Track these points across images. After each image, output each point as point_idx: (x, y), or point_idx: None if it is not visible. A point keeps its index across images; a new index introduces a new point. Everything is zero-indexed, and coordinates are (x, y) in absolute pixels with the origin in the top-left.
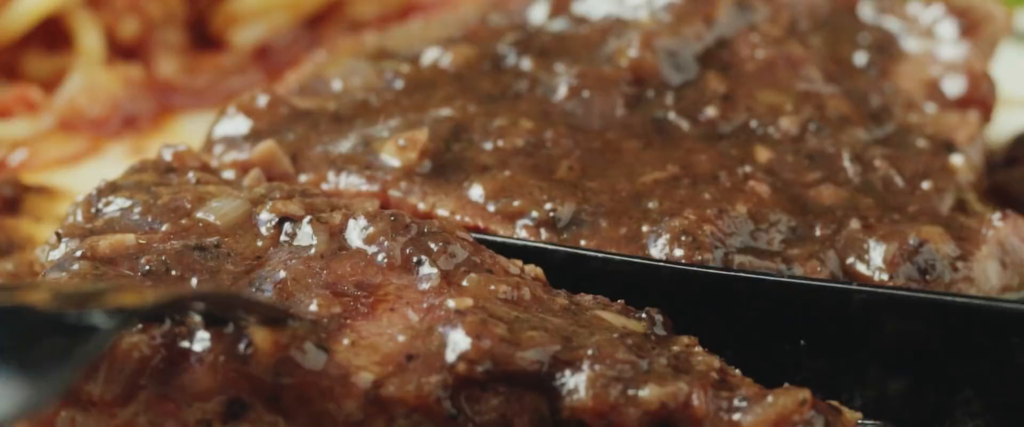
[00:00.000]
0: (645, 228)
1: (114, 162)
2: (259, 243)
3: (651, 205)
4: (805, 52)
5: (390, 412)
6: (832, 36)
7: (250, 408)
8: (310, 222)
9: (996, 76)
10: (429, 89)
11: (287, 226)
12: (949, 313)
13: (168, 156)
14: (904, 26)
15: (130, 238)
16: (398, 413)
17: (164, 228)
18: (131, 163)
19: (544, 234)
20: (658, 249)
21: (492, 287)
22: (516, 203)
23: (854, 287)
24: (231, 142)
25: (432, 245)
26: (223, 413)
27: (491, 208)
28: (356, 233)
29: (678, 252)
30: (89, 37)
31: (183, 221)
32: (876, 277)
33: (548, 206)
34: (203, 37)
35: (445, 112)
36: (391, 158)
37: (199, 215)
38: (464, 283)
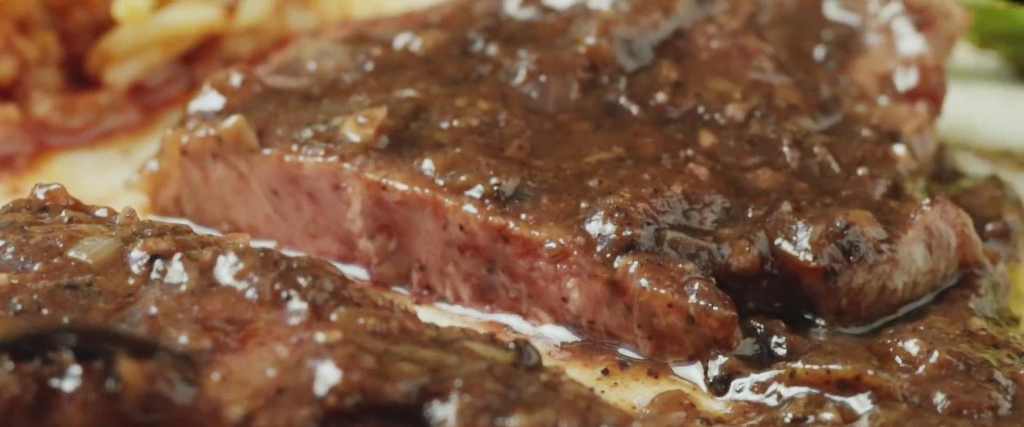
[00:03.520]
0: (584, 204)
1: None
2: (131, 281)
3: (592, 183)
4: (759, 44)
5: None
6: (796, 31)
7: None
8: (181, 259)
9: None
10: (397, 71)
11: (158, 263)
12: None
13: (41, 195)
14: (864, 22)
15: (2, 278)
16: None
17: (36, 267)
18: (5, 203)
19: (489, 206)
20: (593, 224)
21: (361, 320)
22: (463, 177)
23: None
24: (204, 117)
25: (301, 280)
26: None
27: (440, 181)
28: (226, 269)
29: (610, 228)
30: None
31: (55, 260)
32: (802, 257)
33: (493, 181)
34: (79, 77)
35: (408, 93)
36: (351, 134)
37: (71, 254)
38: (333, 317)
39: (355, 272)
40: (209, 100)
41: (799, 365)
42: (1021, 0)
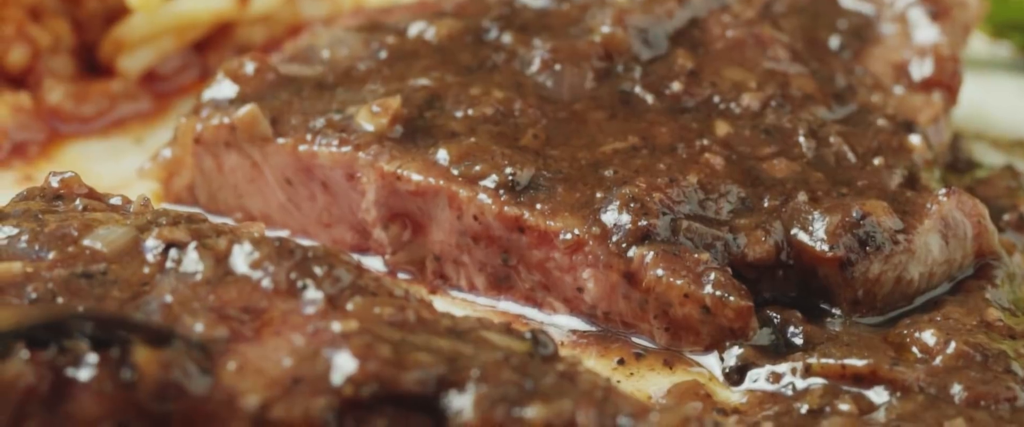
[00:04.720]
0: (599, 194)
1: (3, 190)
2: (146, 270)
3: (607, 173)
4: (775, 33)
5: None
6: (811, 20)
7: None
8: (196, 248)
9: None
10: (411, 60)
11: (173, 252)
12: None
13: (55, 183)
14: (879, 11)
15: (17, 266)
16: None
17: (51, 256)
18: (20, 191)
19: (503, 196)
20: (609, 214)
21: (377, 310)
22: (478, 167)
23: None
24: (217, 105)
25: (316, 269)
26: None
27: (455, 171)
28: (241, 259)
29: (625, 217)
30: None
31: (70, 249)
32: (818, 248)
33: (508, 171)
34: (92, 64)
35: (423, 81)
36: (365, 123)
37: (86, 242)
38: (349, 306)
39: (369, 261)
40: (222, 88)
41: (814, 359)
42: None
